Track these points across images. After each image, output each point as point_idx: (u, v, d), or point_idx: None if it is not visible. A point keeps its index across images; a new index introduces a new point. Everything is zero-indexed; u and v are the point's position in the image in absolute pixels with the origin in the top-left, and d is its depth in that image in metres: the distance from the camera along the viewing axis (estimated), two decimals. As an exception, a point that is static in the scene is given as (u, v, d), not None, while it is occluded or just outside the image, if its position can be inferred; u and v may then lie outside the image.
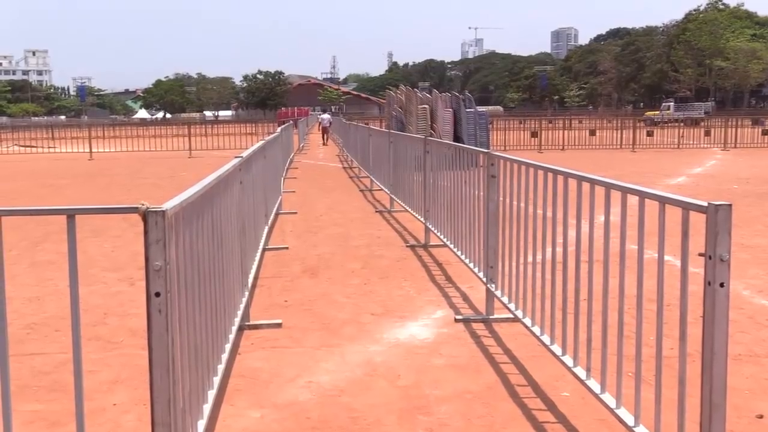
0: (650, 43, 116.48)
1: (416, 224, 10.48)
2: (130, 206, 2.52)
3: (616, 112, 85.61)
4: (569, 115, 73.38)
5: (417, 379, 4.86)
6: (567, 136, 33.60)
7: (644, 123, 46.77)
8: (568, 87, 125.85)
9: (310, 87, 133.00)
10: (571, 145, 32.54)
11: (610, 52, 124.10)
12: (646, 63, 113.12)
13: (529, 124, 40.52)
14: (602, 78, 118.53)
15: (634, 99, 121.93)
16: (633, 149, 31.46)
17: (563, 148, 31.90)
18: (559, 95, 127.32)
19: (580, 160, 24.12)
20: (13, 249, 9.21)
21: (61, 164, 27.42)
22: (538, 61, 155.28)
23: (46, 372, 5.03)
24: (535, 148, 31.52)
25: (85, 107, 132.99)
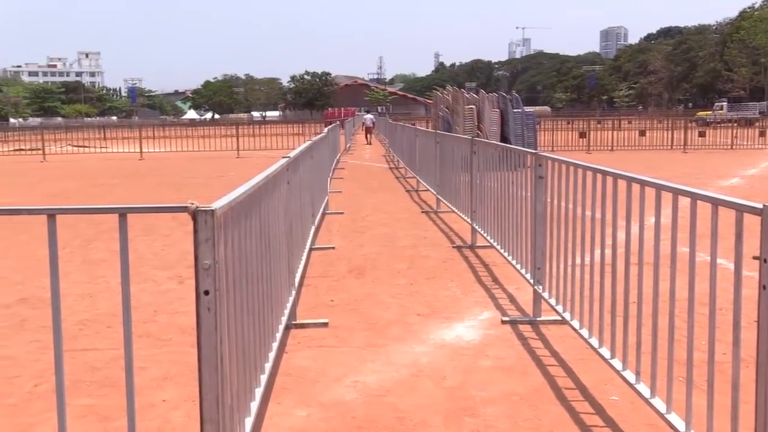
0: (703, 42, 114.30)
1: (463, 225, 10.44)
2: (180, 205, 2.55)
3: (667, 112, 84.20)
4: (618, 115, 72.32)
5: (463, 380, 4.84)
6: (616, 136, 33.12)
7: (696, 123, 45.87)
8: (618, 87, 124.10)
9: (357, 87, 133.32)
10: (621, 145, 32.08)
11: (660, 51, 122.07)
12: (698, 62, 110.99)
13: (577, 125, 40.03)
14: (652, 78, 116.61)
15: (685, 99, 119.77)
16: (684, 150, 30.90)
17: (612, 148, 31.47)
18: (608, 95, 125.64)
19: (630, 161, 23.77)
20: (67, 247, 9.41)
21: (112, 164, 27.93)
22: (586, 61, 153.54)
23: (98, 368, 5.13)
24: (583, 149, 31.15)
25: (135, 108, 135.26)
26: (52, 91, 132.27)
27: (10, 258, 9.02)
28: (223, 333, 2.69)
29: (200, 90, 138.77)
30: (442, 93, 23.93)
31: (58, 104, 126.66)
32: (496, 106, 21.22)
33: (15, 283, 7.70)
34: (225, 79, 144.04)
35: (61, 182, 20.68)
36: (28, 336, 5.91)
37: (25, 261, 8.88)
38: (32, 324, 6.24)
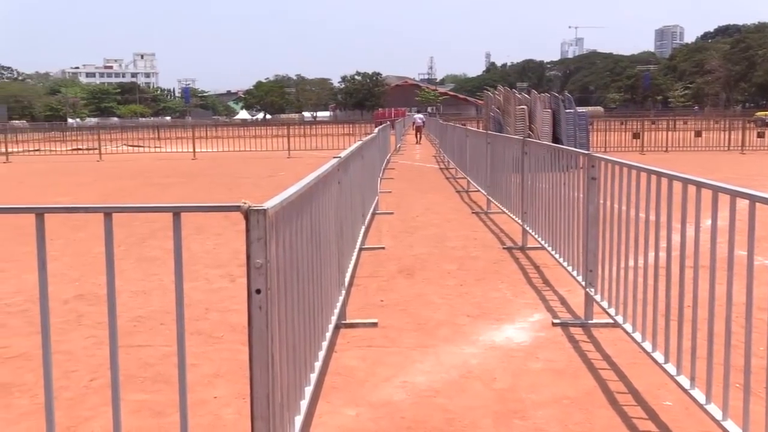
0: (762, 41, 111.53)
1: (513, 226, 10.36)
2: (232, 204, 2.57)
3: (724, 113, 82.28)
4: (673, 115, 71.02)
5: (513, 382, 4.80)
6: (671, 137, 32.51)
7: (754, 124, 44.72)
8: (673, 87, 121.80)
9: (408, 88, 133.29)
10: (675, 146, 31.50)
11: (718, 50, 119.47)
12: (758, 61, 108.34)
13: (631, 125, 39.38)
14: (709, 77, 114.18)
15: (743, 99, 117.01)
16: (742, 151, 30.21)
17: (667, 149, 30.93)
18: (663, 95, 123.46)
19: (685, 163, 23.32)
20: (122, 245, 9.59)
21: (166, 164, 28.40)
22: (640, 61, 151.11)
23: (151, 364, 5.22)
24: (636, 150, 30.65)
25: (189, 108, 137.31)
26: (108, 92, 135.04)
27: (68, 255, 9.23)
28: (273, 331, 2.71)
29: (252, 90, 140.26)
30: (493, 93, 23.79)
31: (114, 105, 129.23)
32: (548, 107, 21.02)
33: (72, 280, 7.88)
34: (276, 79, 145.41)
35: (116, 181, 21.10)
36: (85, 331, 6.04)
37: (81, 258, 9.08)
38: (88, 320, 6.38)
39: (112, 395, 2.69)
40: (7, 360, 5.35)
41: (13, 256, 9.22)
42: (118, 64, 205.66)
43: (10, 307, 6.84)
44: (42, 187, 19.91)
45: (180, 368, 2.67)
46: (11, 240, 10.18)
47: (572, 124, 21.02)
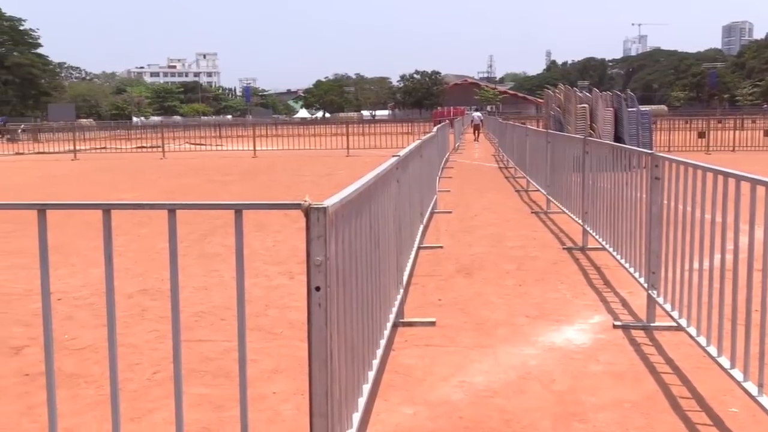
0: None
1: (573, 226, 10.23)
2: (293, 202, 2.59)
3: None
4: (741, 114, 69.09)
5: (573, 384, 4.74)
6: (738, 136, 31.66)
7: (826, 123, 43.33)
8: (741, 85, 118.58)
9: (467, 86, 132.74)
10: (743, 146, 30.66)
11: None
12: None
13: (696, 124, 38.49)
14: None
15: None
16: (812, 151, 29.26)
17: (734, 149, 30.14)
18: (730, 93, 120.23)
19: (754, 163, 22.67)
20: (184, 241, 9.76)
21: (227, 161, 28.83)
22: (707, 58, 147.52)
23: (212, 358, 5.30)
24: (702, 149, 29.95)
25: (249, 107, 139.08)
26: (171, 91, 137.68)
27: (132, 250, 9.44)
28: (332, 328, 2.72)
29: (312, 89, 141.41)
30: (553, 92, 23.52)
31: (177, 103, 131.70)
32: (610, 105, 20.69)
33: (136, 275, 8.05)
34: (336, 78, 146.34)
35: (178, 179, 21.50)
36: (148, 325, 6.17)
37: (145, 254, 9.28)
38: (152, 314, 6.51)
39: (175, 388, 2.74)
40: (74, 351, 5.50)
41: (81, 251, 9.47)
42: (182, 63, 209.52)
43: (78, 300, 7.03)
44: (107, 184, 20.41)
45: (240, 363, 2.70)
46: (79, 235, 10.47)
47: (635, 123, 20.63)
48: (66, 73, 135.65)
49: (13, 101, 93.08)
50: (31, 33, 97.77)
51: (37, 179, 22.82)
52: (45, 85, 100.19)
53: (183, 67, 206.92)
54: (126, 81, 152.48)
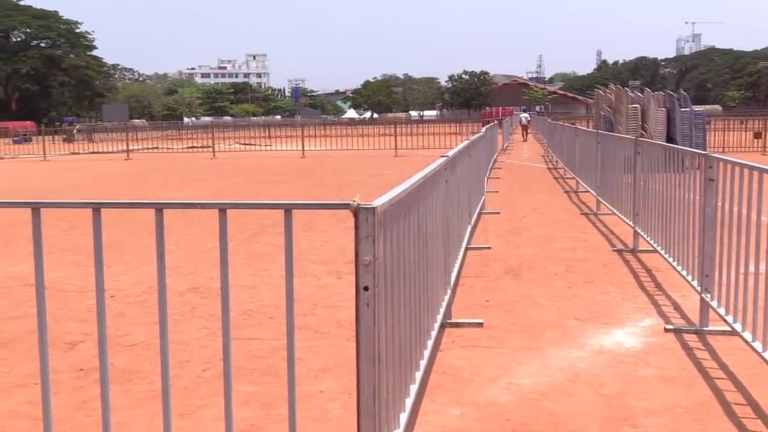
0: None
1: (624, 228, 10.09)
2: (342, 202, 2.60)
3: None
4: (798, 114, 67.29)
5: (622, 388, 4.67)
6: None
7: None
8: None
9: (515, 87, 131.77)
10: (800, 147, 29.88)
11: None
12: None
13: (752, 125, 37.59)
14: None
15: None
16: None
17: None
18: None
19: (810, 164, 22.07)
20: (233, 240, 9.87)
21: (275, 161, 29.07)
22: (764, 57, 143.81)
23: (261, 356, 5.35)
24: (758, 150, 29.26)
25: (298, 107, 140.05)
26: (222, 92, 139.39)
27: (183, 249, 9.58)
28: (380, 328, 2.73)
29: (360, 90, 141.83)
30: (604, 92, 23.22)
31: (227, 104, 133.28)
32: (662, 105, 20.34)
33: (187, 273, 8.17)
34: (384, 79, 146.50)
35: (228, 179, 21.76)
36: (198, 323, 6.25)
37: (195, 252, 9.41)
38: (201, 312, 6.60)
39: (225, 386, 2.78)
40: (126, 348, 5.61)
41: (134, 249, 9.65)
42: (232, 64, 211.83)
43: (130, 297, 7.16)
44: (159, 184, 20.75)
45: (289, 362, 2.72)
46: (132, 234, 10.66)
47: (688, 123, 20.25)
48: (120, 74, 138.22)
49: (69, 102, 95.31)
50: (86, 36, 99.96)
51: (91, 179, 23.31)
52: (99, 86, 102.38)
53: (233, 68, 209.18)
54: (177, 82, 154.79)
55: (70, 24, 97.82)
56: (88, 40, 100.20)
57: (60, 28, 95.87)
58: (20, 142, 49.38)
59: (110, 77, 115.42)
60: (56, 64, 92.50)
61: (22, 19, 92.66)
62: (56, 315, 6.42)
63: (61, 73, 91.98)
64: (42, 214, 2.81)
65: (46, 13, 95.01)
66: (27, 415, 4.36)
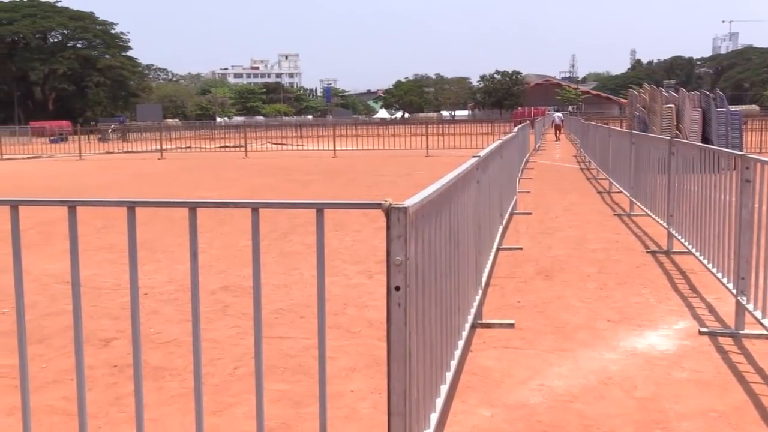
0: None
1: (658, 229, 9.98)
2: (374, 202, 2.60)
3: None
4: (838, 114, 66.02)
5: (656, 391, 4.62)
6: (834, 137, 30.27)
7: None
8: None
9: (548, 87, 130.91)
10: (840, 147, 29.32)
11: None
12: None
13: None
14: None
15: None
16: None
17: (829, 150, 28.85)
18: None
19: None
20: (265, 239, 9.94)
21: (307, 161, 29.19)
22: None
23: (292, 355, 5.38)
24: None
25: (330, 107, 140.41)
26: (254, 92, 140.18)
27: (215, 248, 9.65)
28: (411, 328, 2.72)
29: (391, 90, 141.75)
30: (638, 92, 22.99)
31: (259, 104, 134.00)
32: (698, 105, 20.08)
33: (219, 272, 8.23)
34: (416, 78, 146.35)
35: (260, 178, 21.89)
36: (230, 321, 6.30)
37: (227, 251, 9.48)
38: (233, 310, 6.65)
39: (256, 384, 2.79)
40: (159, 345, 5.67)
41: (167, 247, 9.74)
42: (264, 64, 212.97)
43: (163, 295, 7.23)
44: (192, 183, 20.94)
45: (320, 361, 2.73)
46: (165, 232, 10.77)
47: (724, 123, 19.96)
48: (154, 74, 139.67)
49: (104, 102, 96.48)
50: (121, 36, 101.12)
51: (125, 178, 23.59)
52: (134, 86, 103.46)
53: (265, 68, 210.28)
54: (210, 82, 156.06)
55: (106, 25, 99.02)
56: (123, 41, 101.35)
57: (96, 29, 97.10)
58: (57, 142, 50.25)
59: (144, 77, 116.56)
60: (92, 64, 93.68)
61: (60, 20, 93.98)
62: (91, 312, 6.50)
63: (96, 73, 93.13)
64: (77, 212, 2.85)
65: (82, 14, 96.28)
66: (62, 410, 4.43)
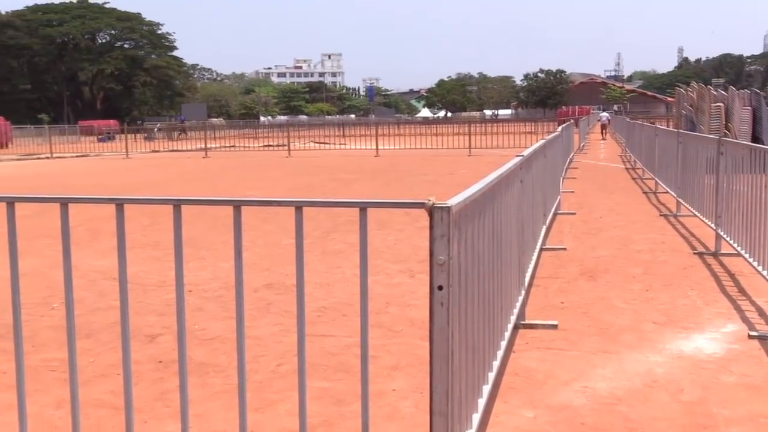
0: None
1: (705, 230, 9.80)
2: (417, 201, 2.60)
3: None
4: None
5: (703, 395, 4.53)
6: None
7: None
8: None
9: (593, 85, 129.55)
10: None
11: None
12: None
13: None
14: None
15: None
16: None
17: None
18: None
19: None
20: (307, 238, 9.93)
21: (349, 160, 29.28)
22: None
23: (334, 353, 5.40)
24: None
25: (372, 106, 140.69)
26: (297, 91, 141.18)
27: (258, 246, 9.73)
28: (454, 328, 2.72)
29: (434, 89, 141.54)
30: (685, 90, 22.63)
31: (302, 103, 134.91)
32: (747, 104, 19.68)
33: (262, 270, 8.30)
34: (459, 77, 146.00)
35: (303, 177, 22.02)
36: (273, 319, 6.35)
37: (271, 249, 9.54)
38: (276, 308, 6.69)
39: (299, 381, 2.81)
40: (204, 341, 5.73)
41: (211, 245, 9.85)
42: (307, 64, 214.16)
43: (207, 292, 7.31)
44: (236, 181, 21.15)
45: (363, 360, 2.73)
46: (209, 230, 10.89)
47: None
48: (199, 74, 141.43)
49: (150, 101, 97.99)
50: (167, 36, 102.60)
51: (171, 176, 23.93)
52: (179, 86, 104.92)
53: (308, 68, 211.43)
54: (254, 81, 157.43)
55: (152, 25, 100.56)
56: (169, 41, 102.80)
57: (143, 29, 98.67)
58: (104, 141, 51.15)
59: (190, 77, 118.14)
60: (139, 64, 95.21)
61: (108, 21, 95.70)
62: (137, 308, 6.60)
63: (143, 73, 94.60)
64: (125, 210, 2.89)
65: (129, 15, 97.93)
66: (109, 403, 4.50)
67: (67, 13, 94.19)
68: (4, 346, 5.55)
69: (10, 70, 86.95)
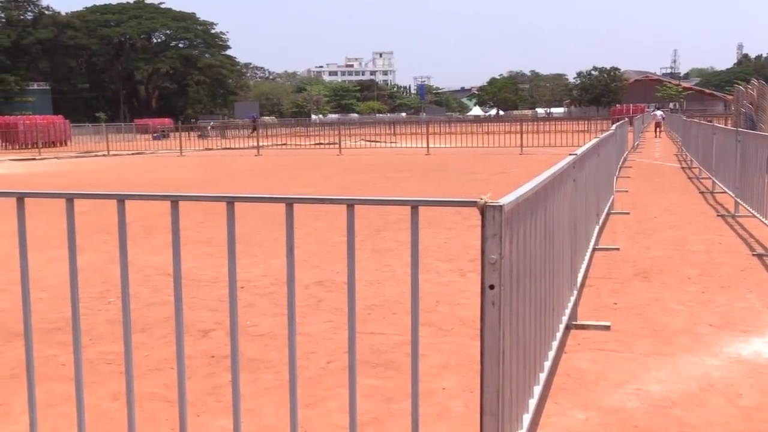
0: None
1: (765, 231, 9.56)
2: (469, 200, 2.58)
3: None
4: None
5: (762, 401, 4.42)
6: None
7: None
8: None
9: (647, 83, 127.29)
10: None
11: None
12: None
13: None
14: None
15: None
16: None
17: None
18: None
19: None
20: (358, 235, 9.99)
21: (400, 158, 29.28)
22: None
23: (383, 351, 5.41)
24: None
25: (423, 105, 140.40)
26: (348, 89, 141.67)
27: (309, 243, 9.79)
28: (505, 327, 2.69)
29: (486, 87, 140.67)
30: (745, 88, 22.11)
31: (353, 101, 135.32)
32: (809, 102, 19.16)
33: (313, 267, 8.35)
34: (510, 75, 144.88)
35: (354, 174, 22.09)
36: (323, 316, 6.38)
37: (321, 246, 9.60)
38: (327, 305, 6.73)
39: (349, 379, 2.82)
40: (255, 337, 5.79)
41: (263, 242, 9.95)
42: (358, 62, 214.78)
43: (259, 289, 7.39)
44: (287, 179, 21.32)
45: (413, 358, 2.73)
46: (260, 227, 11.00)
47: (838, 120, 18.99)
48: (251, 73, 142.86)
49: (204, 100, 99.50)
50: (221, 36, 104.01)
51: (224, 174, 24.23)
52: (232, 84, 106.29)
53: (360, 66, 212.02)
54: (306, 80, 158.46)
55: (206, 25, 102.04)
56: (222, 41, 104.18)
57: (197, 29, 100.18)
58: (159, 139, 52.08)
59: (242, 76, 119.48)
60: (193, 63, 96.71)
61: (163, 21, 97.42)
62: (190, 304, 6.70)
63: (197, 72, 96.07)
64: (179, 206, 2.93)
65: (184, 15, 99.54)
66: (163, 397, 4.58)
67: (124, 14, 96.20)
68: (62, 339, 5.69)
69: (69, 69, 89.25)
